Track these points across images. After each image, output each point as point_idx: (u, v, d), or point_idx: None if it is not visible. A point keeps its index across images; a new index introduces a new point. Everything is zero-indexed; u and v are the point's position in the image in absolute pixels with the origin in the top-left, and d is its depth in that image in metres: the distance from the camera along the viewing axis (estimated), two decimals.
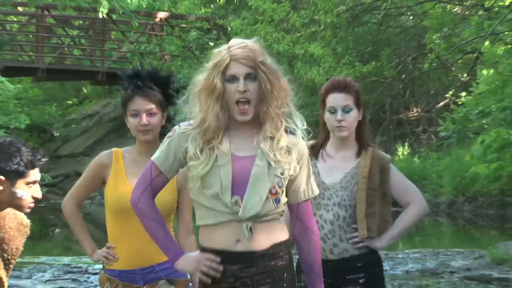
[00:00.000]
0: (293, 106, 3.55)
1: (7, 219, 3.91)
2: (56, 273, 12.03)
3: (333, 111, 4.38)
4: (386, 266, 12.16)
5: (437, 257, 13.41)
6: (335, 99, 4.40)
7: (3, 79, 17.35)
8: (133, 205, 3.59)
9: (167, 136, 3.62)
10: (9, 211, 3.91)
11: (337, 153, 4.45)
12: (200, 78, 3.52)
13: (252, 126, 3.53)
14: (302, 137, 3.56)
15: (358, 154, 4.45)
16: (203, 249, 3.54)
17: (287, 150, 3.51)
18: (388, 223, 4.44)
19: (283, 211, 3.55)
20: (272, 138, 3.49)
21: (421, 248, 13.80)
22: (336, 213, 4.35)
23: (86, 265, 11.57)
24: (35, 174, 3.84)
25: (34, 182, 3.84)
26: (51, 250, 14.10)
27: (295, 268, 3.64)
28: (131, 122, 4.35)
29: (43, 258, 13.47)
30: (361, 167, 4.40)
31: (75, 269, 11.78)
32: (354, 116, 4.40)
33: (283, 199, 3.53)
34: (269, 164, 3.48)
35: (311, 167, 3.62)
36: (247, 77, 3.46)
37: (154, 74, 4.39)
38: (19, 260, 14.29)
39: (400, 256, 13.15)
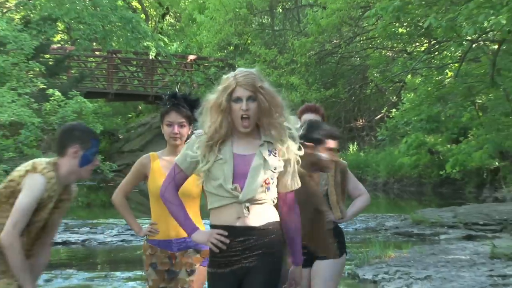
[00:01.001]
0: (287, 115, 3.25)
1: None
2: (120, 230, 11.96)
3: None
4: (341, 225, 12.12)
5: (376, 219, 13.39)
6: (308, 118, 4.25)
7: (85, 100, 17.32)
8: (161, 195, 3.28)
9: (186, 142, 3.37)
10: None
11: None
12: (211, 97, 3.24)
13: (252, 134, 3.22)
14: (300, 146, 3.25)
15: None
16: (213, 227, 3.23)
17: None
18: (343, 204, 4.32)
19: (275, 198, 3.24)
20: (269, 143, 3.20)
21: (365, 213, 13.74)
22: None
23: (141, 225, 11.48)
24: (331, 143, 3.66)
25: (330, 149, 3.65)
26: (117, 214, 14.04)
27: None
28: (166, 130, 4.05)
29: (111, 220, 13.40)
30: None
31: None
32: None
33: (273, 188, 3.21)
34: (265, 161, 3.17)
35: (296, 166, 3.27)
36: (249, 98, 3.16)
37: (186, 97, 4.09)
38: (94, 220, 14.15)
39: None
